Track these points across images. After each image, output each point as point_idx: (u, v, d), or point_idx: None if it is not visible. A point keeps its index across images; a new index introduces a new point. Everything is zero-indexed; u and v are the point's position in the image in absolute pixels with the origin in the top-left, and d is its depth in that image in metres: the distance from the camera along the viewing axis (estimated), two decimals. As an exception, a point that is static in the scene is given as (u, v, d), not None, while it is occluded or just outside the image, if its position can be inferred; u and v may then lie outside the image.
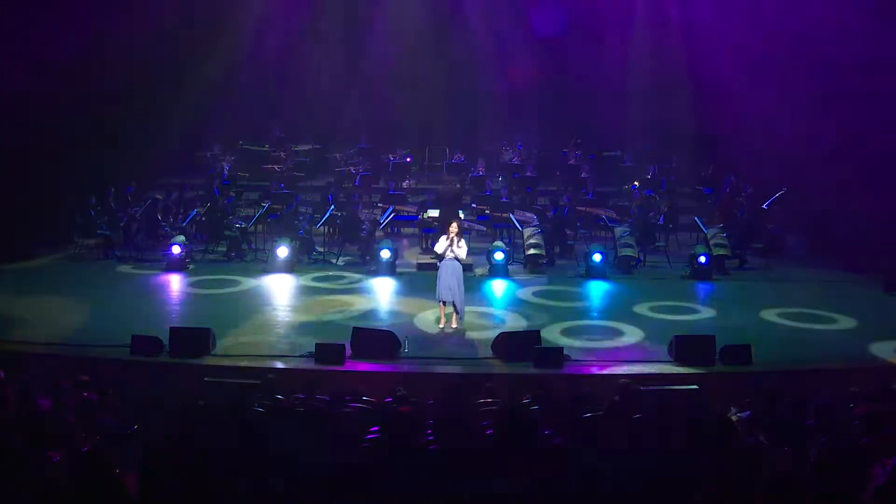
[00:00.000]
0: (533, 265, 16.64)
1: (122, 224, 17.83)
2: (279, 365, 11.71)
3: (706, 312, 14.51)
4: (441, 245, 13.04)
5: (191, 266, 16.57)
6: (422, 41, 22.91)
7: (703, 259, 16.31)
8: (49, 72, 17.06)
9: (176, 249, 16.33)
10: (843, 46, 16.86)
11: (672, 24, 22.70)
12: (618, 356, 12.32)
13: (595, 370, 11.80)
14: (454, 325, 13.14)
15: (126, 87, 19.32)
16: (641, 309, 14.37)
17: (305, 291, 15.38)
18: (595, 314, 14.46)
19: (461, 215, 17.75)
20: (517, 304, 14.71)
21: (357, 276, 16.29)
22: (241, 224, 17.67)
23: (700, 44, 21.38)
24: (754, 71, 19.69)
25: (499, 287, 15.70)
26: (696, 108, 21.47)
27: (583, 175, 20.98)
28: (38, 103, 16.95)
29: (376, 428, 8.12)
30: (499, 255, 16.22)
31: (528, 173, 21.18)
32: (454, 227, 13.05)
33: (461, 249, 12.94)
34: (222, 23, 21.81)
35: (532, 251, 16.68)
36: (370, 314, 14.05)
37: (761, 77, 19.68)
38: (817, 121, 17.44)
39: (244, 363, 11.68)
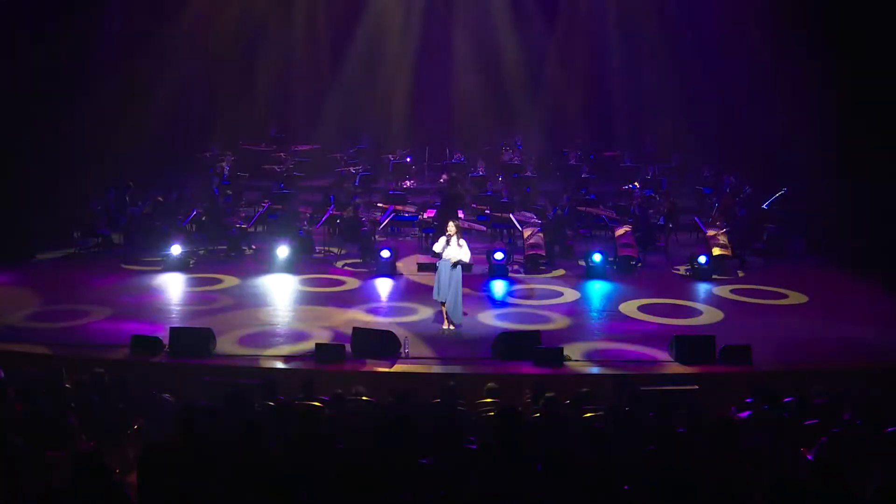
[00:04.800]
0: (533, 265, 16.64)
1: (122, 224, 17.84)
2: (279, 365, 11.71)
3: (706, 312, 14.50)
4: (439, 245, 13.05)
5: (191, 266, 16.56)
6: (422, 40, 22.92)
7: (703, 259, 16.29)
8: (49, 70, 17.08)
9: (176, 249, 16.32)
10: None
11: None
12: (618, 356, 12.31)
13: (595, 370, 11.80)
14: (450, 326, 13.14)
15: (126, 87, 19.33)
16: (640, 309, 14.37)
17: (305, 291, 15.38)
18: (594, 314, 14.47)
19: (461, 215, 17.75)
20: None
21: (356, 276, 16.29)
22: (241, 224, 17.66)
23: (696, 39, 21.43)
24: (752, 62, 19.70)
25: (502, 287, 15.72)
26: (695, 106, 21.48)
27: (583, 175, 20.99)
28: (39, 103, 16.95)
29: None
30: (499, 255, 16.22)
31: (528, 173, 21.19)
32: (452, 228, 13.06)
33: (461, 249, 12.94)
34: (223, 22, 21.82)
35: (532, 251, 16.68)
36: (370, 314, 14.04)
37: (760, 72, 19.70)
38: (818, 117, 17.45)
39: (244, 363, 11.68)
